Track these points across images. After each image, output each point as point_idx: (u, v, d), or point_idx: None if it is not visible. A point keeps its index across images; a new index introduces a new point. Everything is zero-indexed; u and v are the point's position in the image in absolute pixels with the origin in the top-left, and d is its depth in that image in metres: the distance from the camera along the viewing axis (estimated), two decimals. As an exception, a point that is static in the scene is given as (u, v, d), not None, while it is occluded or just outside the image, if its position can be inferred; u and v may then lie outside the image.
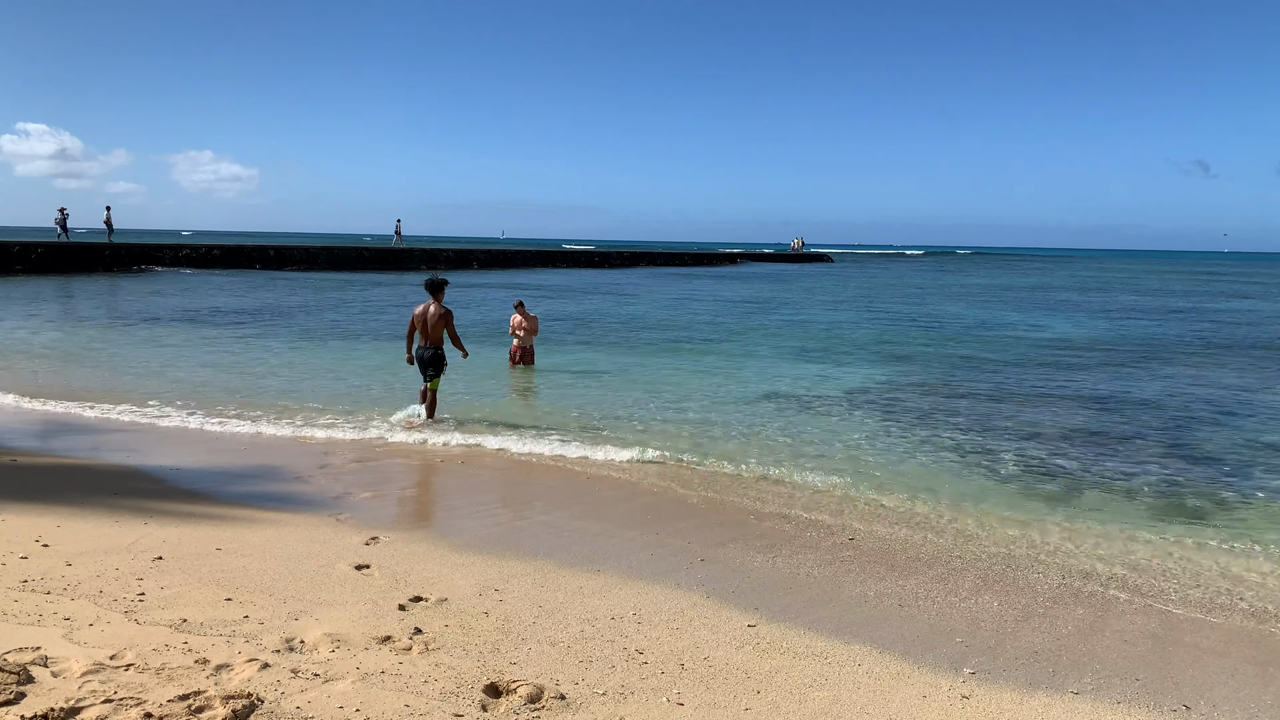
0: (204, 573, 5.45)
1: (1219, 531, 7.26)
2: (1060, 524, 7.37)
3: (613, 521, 7.12)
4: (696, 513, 7.42)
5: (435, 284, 11.01)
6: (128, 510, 6.86)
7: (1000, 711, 4.12)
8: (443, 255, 54.67)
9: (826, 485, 8.32)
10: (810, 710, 4.03)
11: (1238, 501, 8.15)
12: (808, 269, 71.40)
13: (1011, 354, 18.81)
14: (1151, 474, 9.03)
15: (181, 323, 21.66)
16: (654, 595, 5.45)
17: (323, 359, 16.32)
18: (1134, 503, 8.04)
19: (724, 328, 23.48)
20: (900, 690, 4.29)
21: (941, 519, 7.45)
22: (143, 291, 30.98)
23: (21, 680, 3.81)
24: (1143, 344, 21.18)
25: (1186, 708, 4.27)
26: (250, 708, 3.67)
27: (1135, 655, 4.89)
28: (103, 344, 17.76)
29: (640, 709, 3.94)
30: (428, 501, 8.08)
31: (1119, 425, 11.43)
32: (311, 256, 49.00)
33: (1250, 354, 19.56)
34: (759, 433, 10.60)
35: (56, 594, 4.95)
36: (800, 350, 19.05)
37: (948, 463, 9.35)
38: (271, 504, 7.33)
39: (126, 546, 5.91)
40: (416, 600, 5.14)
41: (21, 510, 6.70)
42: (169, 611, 4.76)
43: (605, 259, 66.32)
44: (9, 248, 36.81)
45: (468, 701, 3.89)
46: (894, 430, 10.87)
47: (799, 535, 6.88)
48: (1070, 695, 4.33)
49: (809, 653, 4.68)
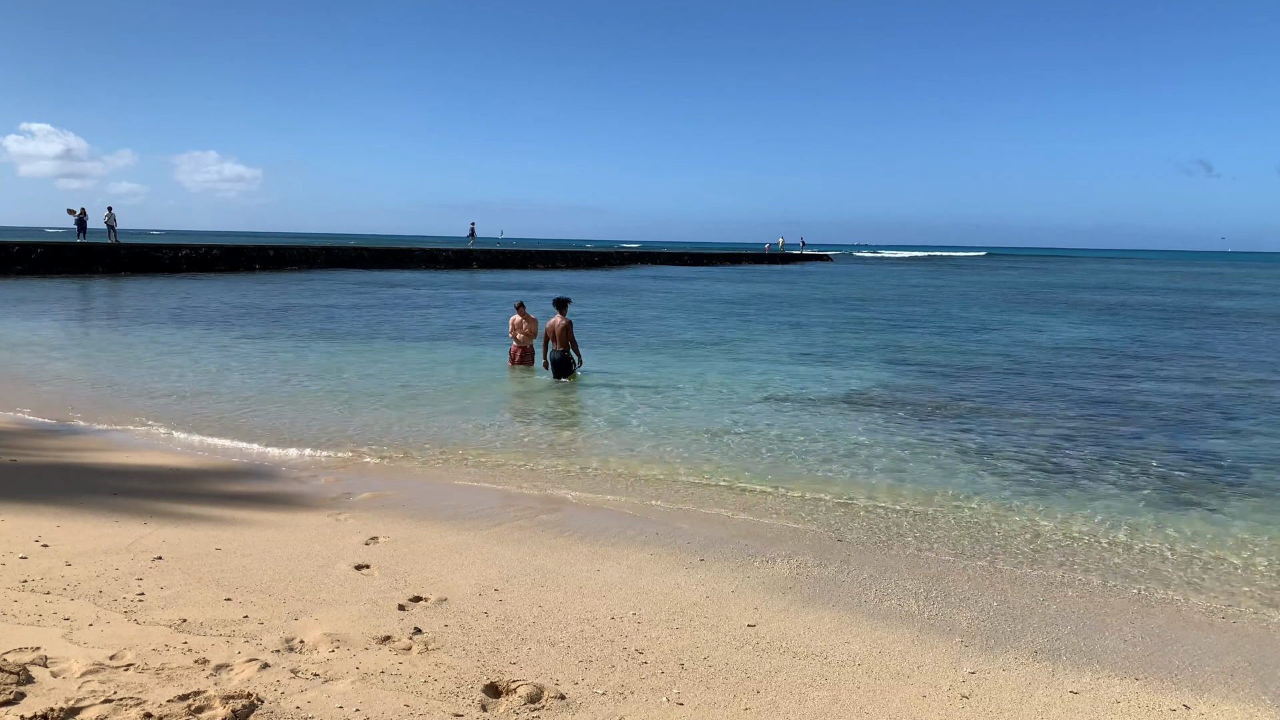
0: (204, 573, 5.45)
1: (1220, 531, 7.26)
2: (1060, 523, 7.36)
3: (614, 521, 7.13)
4: (692, 517, 7.43)
5: (561, 302, 13.47)
6: (128, 510, 6.86)
7: (1000, 711, 4.12)
8: (442, 255, 54.71)
9: (821, 481, 8.32)
10: (810, 710, 4.03)
11: (1239, 501, 8.14)
12: (809, 268, 71.44)
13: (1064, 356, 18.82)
14: (1152, 473, 9.03)
15: (201, 325, 21.66)
16: (654, 595, 5.45)
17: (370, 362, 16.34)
18: (1134, 502, 8.04)
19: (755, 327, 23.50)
20: (900, 690, 4.29)
21: (941, 519, 7.44)
22: (145, 292, 30.97)
23: (21, 680, 3.81)
24: (1143, 344, 21.19)
25: (1186, 707, 4.27)
26: (250, 708, 3.67)
27: (1135, 655, 4.89)
28: (104, 345, 17.77)
29: (640, 709, 3.94)
30: (428, 502, 8.07)
31: (1120, 424, 11.43)
32: (311, 256, 49.03)
33: (1251, 354, 19.57)
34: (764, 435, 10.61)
35: (56, 594, 4.95)
36: (801, 354, 19.07)
37: (945, 460, 9.34)
38: (271, 504, 7.33)
39: (126, 546, 5.91)
40: (416, 600, 5.14)
41: (21, 510, 6.69)
42: (169, 611, 4.76)
43: (605, 259, 66.39)
44: (9, 248, 36.70)
45: (468, 701, 3.89)
46: (893, 426, 10.87)
47: (798, 536, 6.89)
48: (1069, 695, 4.33)
49: (809, 653, 4.68)
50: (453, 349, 18.06)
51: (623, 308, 29.21)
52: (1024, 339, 22.00)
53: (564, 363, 13.49)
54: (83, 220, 42.30)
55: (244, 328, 20.91)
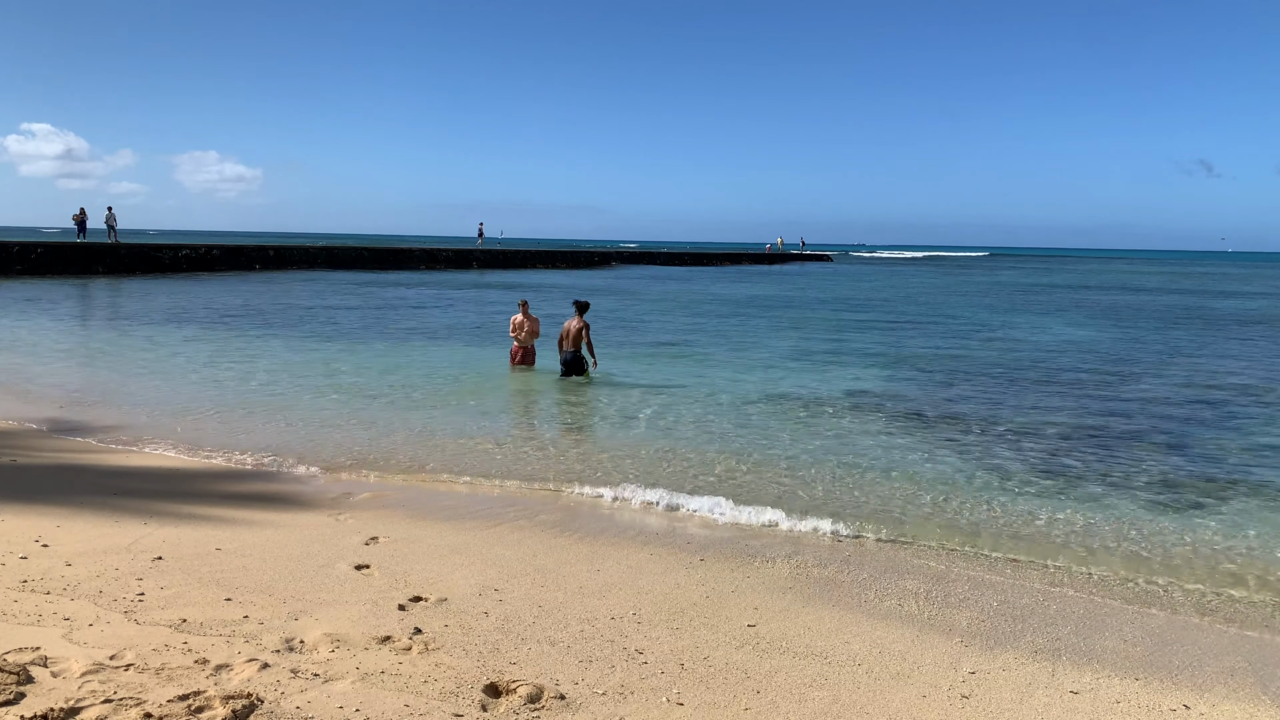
0: (204, 573, 5.45)
1: (1219, 531, 7.25)
2: (1061, 523, 7.36)
3: (613, 521, 7.13)
4: (693, 517, 7.42)
5: (581, 304, 13.75)
6: (128, 510, 6.86)
7: (1000, 711, 4.12)
8: (442, 255, 54.71)
9: (821, 481, 8.32)
10: (810, 710, 4.03)
11: (1239, 501, 8.14)
12: (809, 268, 71.44)
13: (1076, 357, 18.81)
14: (1152, 474, 9.03)
15: (208, 324, 21.67)
16: (654, 595, 5.45)
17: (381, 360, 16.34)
18: (1134, 502, 8.04)
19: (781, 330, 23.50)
20: (900, 690, 4.29)
21: (942, 518, 7.44)
22: (145, 292, 30.98)
23: (21, 680, 3.81)
24: (1142, 345, 21.18)
25: (1186, 707, 4.27)
26: (250, 708, 3.67)
27: (1135, 654, 4.89)
28: (104, 345, 17.78)
29: (640, 709, 3.94)
30: (427, 502, 8.07)
31: (1120, 424, 11.43)
32: (310, 256, 49.03)
33: (1251, 353, 19.56)
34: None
35: (56, 594, 4.95)
36: (802, 354, 19.07)
37: (945, 460, 9.34)
38: (271, 504, 7.33)
39: (126, 546, 5.91)
40: (416, 600, 5.14)
41: (21, 510, 6.70)
42: (169, 611, 4.76)
43: (605, 258, 66.40)
44: (9, 248, 36.70)
45: (468, 701, 3.89)
46: (893, 426, 10.87)
47: (798, 536, 6.89)
48: (1069, 695, 4.33)
49: (809, 653, 4.68)
50: (453, 349, 18.06)
51: (623, 308, 29.21)
52: (1024, 339, 22.00)
53: (575, 362, 13.68)
54: (82, 220, 42.28)
55: (244, 328, 20.91)
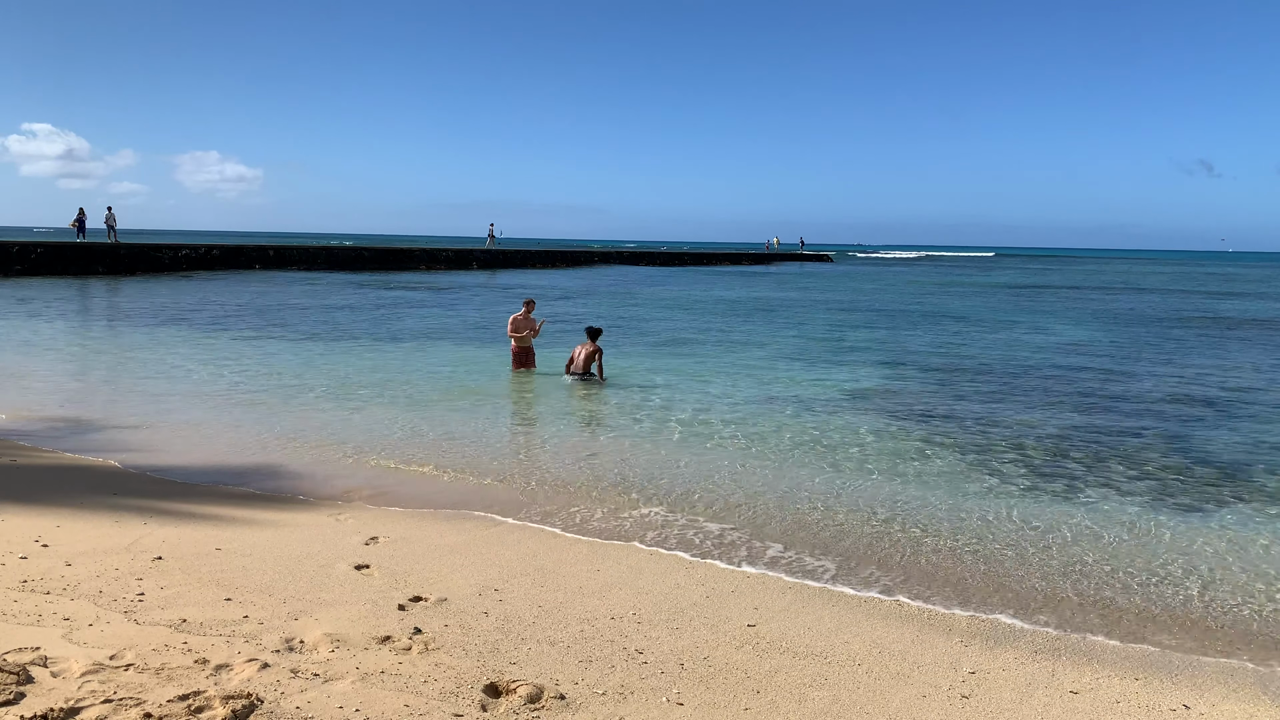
0: (204, 573, 5.45)
1: (1219, 531, 7.25)
2: (1061, 523, 7.36)
3: (613, 521, 7.13)
4: (693, 517, 7.43)
5: (593, 331, 14.37)
6: (128, 510, 6.86)
7: (1000, 711, 4.12)
8: (442, 255, 54.71)
9: (820, 481, 8.32)
10: (810, 710, 4.03)
11: (1238, 501, 8.14)
12: (809, 268, 71.45)
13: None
14: (1153, 473, 9.03)
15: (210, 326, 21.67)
16: (654, 595, 5.45)
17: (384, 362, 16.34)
18: (1133, 502, 8.04)
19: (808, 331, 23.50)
20: (900, 690, 4.29)
21: (942, 518, 7.44)
22: (144, 292, 30.97)
23: (21, 680, 3.81)
24: (1143, 344, 21.18)
25: (1186, 707, 4.27)
26: (250, 708, 3.67)
27: (1134, 654, 4.90)
28: (104, 345, 17.78)
29: (640, 709, 3.94)
30: (428, 501, 8.07)
31: (1120, 424, 11.43)
32: (310, 256, 49.02)
33: (1251, 354, 19.56)
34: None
35: (56, 594, 4.95)
36: (801, 354, 19.07)
37: (946, 460, 9.34)
38: (271, 504, 7.33)
39: (126, 546, 5.91)
40: (416, 600, 5.14)
41: (21, 510, 6.70)
42: (169, 611, 4.76)
43: (605, 258, 66.39)
44: (8, 248, 36.67)
45: (467, 701, 3.89)
46: (894, 426, 10.86)
47: (798, 536, 6.88)
48: (1069, 695, 4.33)
49: (809, 653, 4.68)
50: (453, 349, 18.06)
51: (624, 308, 29.22)
52: (1025, 339, 22.00)
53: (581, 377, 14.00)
54: (82, 220, 42.26)
55: (243, 328, 20.91)
